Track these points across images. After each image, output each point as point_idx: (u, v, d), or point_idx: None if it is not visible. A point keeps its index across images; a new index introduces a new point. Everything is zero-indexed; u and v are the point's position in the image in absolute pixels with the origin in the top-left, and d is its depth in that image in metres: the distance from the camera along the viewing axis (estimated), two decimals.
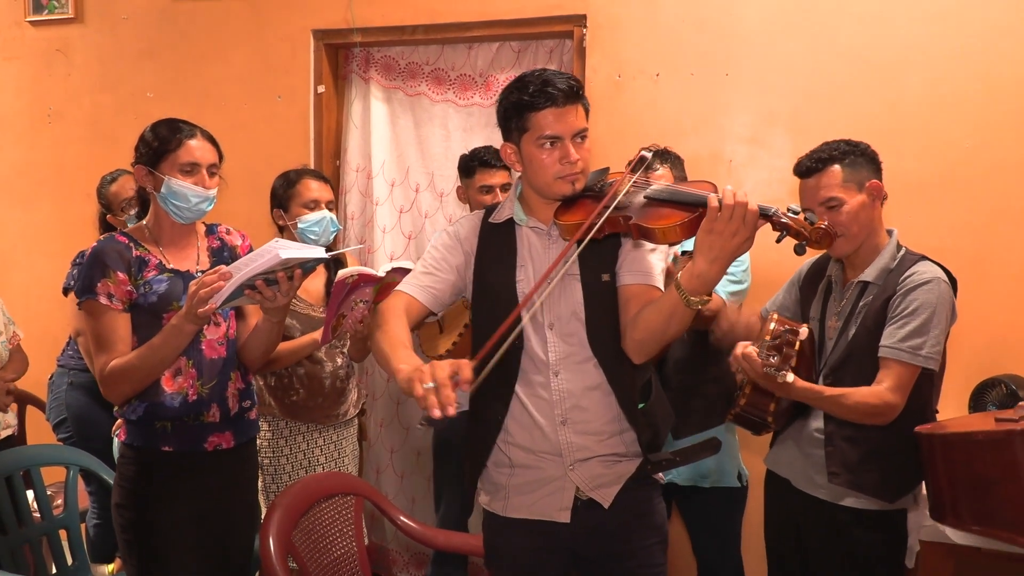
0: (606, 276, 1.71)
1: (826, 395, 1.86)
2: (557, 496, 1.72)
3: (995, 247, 2.63)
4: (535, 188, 1.74)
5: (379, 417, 3.45)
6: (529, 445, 1.73)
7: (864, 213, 1.93)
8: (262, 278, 1.80)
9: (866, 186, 1.94)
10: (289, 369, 2.47)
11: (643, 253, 1.72)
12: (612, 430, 1.72)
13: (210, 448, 2.00)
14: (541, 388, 1.71)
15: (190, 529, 1.97)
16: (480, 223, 1.82)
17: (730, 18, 2.87)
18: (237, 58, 3.44)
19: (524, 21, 3.08)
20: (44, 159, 3.73)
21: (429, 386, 1.39)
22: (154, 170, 1.95)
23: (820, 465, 1.97)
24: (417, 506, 3.39)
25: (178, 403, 1.95)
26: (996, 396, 2.43)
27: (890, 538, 1.95)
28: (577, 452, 1.70)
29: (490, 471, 1.79)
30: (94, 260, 1.92)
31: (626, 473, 1.73)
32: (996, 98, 2.63)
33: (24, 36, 3.73)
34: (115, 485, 2.01)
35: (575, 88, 1.66)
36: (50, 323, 3.36)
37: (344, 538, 2.22)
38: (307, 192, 2.49)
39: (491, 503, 1.80)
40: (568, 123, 1.65)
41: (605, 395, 1.71)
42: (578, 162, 1.67)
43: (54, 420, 3.00)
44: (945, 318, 1.89)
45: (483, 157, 2.75)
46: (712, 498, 2.45)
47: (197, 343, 1.97)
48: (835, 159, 1.95)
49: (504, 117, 1.72)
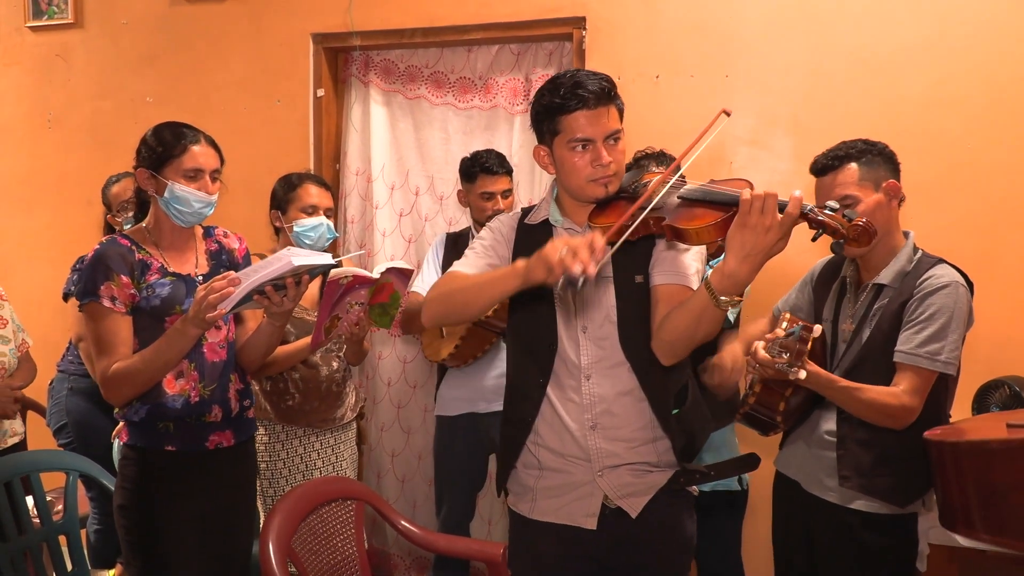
0: (639, 277, 1.68)
1: (839, 384, 1.83)
2: (585, 502, 1.69)
3: (998, 248, 2.61)
4: (568, 191, 1.72)
5: (380, 421, 3.44)
6: (558, 448, 1.70)
7: (880, 213, 1.90)
8: (271, 283, 1.83)
9: (883, 185, 1.91)
10: (284, 373, 2.47)
11: (677, 254, 1.69)
12: (644, 437, 1.69)
13: (211, 447, 2.01)
14: (572, 392, 1.69)
15: (193, 529, 1.98)
16: (517, 224, 1.81)
17: (730, 20, 2.87)
18: (237, 62, 3.44)
19: (523, 24, 3.08)
20: (44, 165, 3.73)
21: (566, 251, 1.39)
22: (157, 174, 1.96)
23: (830, 468, 1.95)
24: (419, 510, 3.38)
25: (180, 404, 1.96)
26: (1000, 398, 2.41)
27: (901, 542, 1.93)
28: (606, 458, 1.68)
29: (519, 472, 1.77)
30: (97, 263, 1.93)
31: (657, 484, 1.70)
32: (998, 98, 2.62)
33: (24, 42, 3.73)
34: (117, 487, 2.01)
35: (607, 89, 1.63)
36: (50, 329, 3.35)
37: (345, 543, 2.21)
38: (307, 197, 2.48)
39: (518, 504, 1.77)
40: (600, 125, 1.63)
41: (637, 401, 1.68)
42: (611, 164, 1.64)
43: (54, 426, 2.99)
44: (963, 323, 1.86)
45: (485, 163, 2.74)
46: (713, 502, 2.43)
47: (199, 346, 1.99)
48: (852, 157, 1.93)
49: (536, 120, 1.70)
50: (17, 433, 2.82)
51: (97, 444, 2.79)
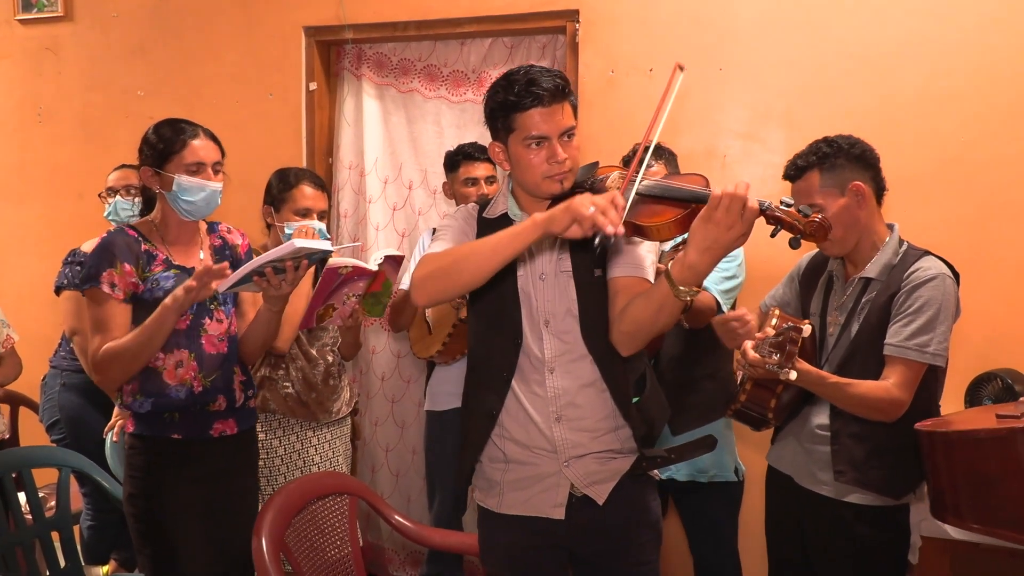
0: (598, 271, 1.70)
1: (829, 381, 1.84)
2: (551, 493, 1.71)
3: (991, 241, 2.62)
4: (524, 187, 1.73)
5: (374, 416, 3.44)
6: (524, 441, 1.72)
7: (847, 215, 1.91)
8: (271, 265, 1.87)
9: (848, 188, 1.91)
10: (284, 365, 2.47)
11: (632, 247, 1.71)
12: (607, 427, 1.72)
13: (216, 434, 2.07)
14: (536, 385, 1.71)
15: (199, 515, 2.04)
16: (476, 217, 1.81)
17: (723, 13, 2.86)
18: (228, 56, 3.42)
19: (516, 16, 3.07)
20: (35, 158, 3.71)
21: (593, 209, 1.42)
22: (161, 171, 2.01)
23: (823, 461, 1.95)
24: (413, 505, 3.38)
25: (184, 394, 2.01)
26: (992, 391, 2.42)
27: (894, 534, 1.94)
28: (572, 449, 1.70)
29: (485, 466, 1.79)
30: (103, 250, 1.98)
31: (621, 470, 1.72)
32: (992, 92, 2.62)
33: (14, 35, 3.70)
34: (125, 477, 2.06)
35: (561, 87, 1.64)
36: (42, 323, 3.34)
37: (339, 538, 2.20)
38: (301, 199, 2.48)
39: (485, 499, 1.80)
40: (555, 122, 1.64)
41: (599, 392, 1.71)
42: (566, 161, 1.65)
43: (47, 421, 2.98)
44: (951, 315, 1.87)
45: (466, 151, 2.76)
46: (709, 494, 2.44)
47: (198, 337, 2.04)
48: (812, 165, 1.93)
49: (491, 116, 1.71)
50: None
51: (90, 440, 2.78)
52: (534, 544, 1.75)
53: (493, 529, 1.80)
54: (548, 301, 1.71)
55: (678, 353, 2.36)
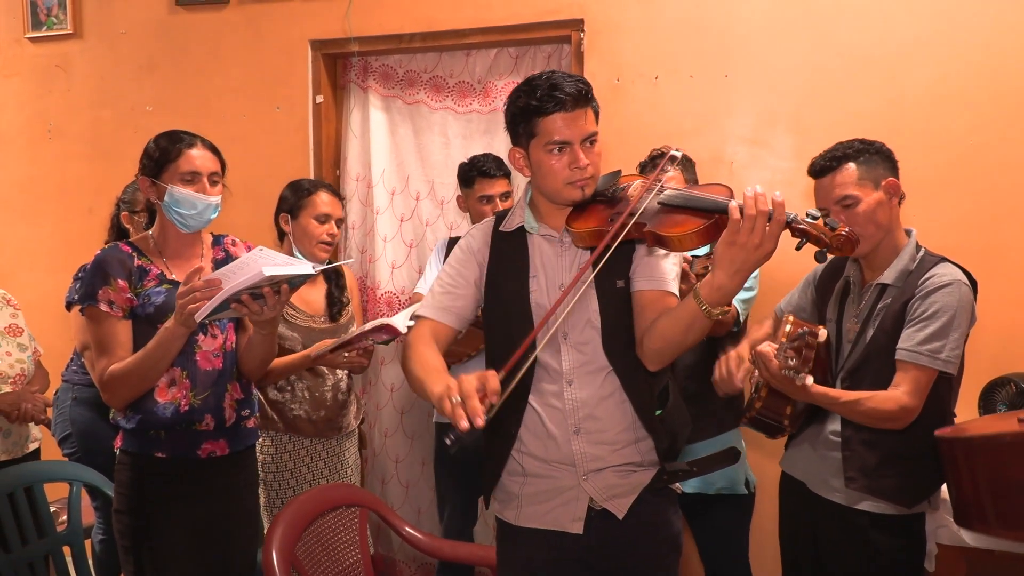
0: (620, 282, 1.68)
1: (842, 400, 1.83)
2: (571, 506, 1.68)
3: (1001, 244, 2.60)
4: (545, 194, 1.71)
5: (384, 427, 3.43)
6: (542, 455, 1.70)
7: (881, 211, 1.90)
8: (248, 292, 1.79)
9: (882, 184, 1.91)
10: (291, 383, 2.46)
11: (657, 259, 1.69)
12: (627, 439, 1.69)
13: (204, 455, 2.01)
14: (554, 397, 1.68)
15: (186, 535, 1.98)
16: (491, 232, 1.79)
17: (728, 19, 2.86)
18: (235, 70, 3.44)
19: (521, 27, 3.08)
20: (45, 175, 3.74)
21: (456, 400, 1.38)
22: (157, 180, 1.97)
23: (836, 468, 1.94)
24: (423, 516, 3.37)
25: (170, 413, 1.97)
26: (1006, 395, 2.40)
27: (909, 542, 1.92)
28: (591, 462, 1.67)
29: (504, 480, 1.76)
30: (96, 268, 1.96)
31: (641, 483, 1.70)
32: (999, 94, 2.61)
33: (24, 52, 3.74)
34: (115, 492, 2.03)
35: (584, 91, 1.62)
36: (53, 339, 3.35)
37: (349, 550, 2.20)
38: (320, 205, 2.50)
39: (504, 511, 1.77)
40: (577, 128, 1.62)
41: (620, 403, 1.68)
42: (588, 167, 1.63)
43: (59, 436, 2.98)
44: (965, 321, 1.85)
45: (482, 167, 2.74)
46: (720, 506, 2.42)
47: (192, 354, 1.99)
48: (849, 157, 1.92)
49: (512, 122, 1.69)
50: (36, 439, 2.84)
51: (101, 453, 2.78)
52: (552, 558, 1.71)
53: (511, 542, 1.77)
54: (567, 312, 1.67)
55: (694, 363, 2.34)
